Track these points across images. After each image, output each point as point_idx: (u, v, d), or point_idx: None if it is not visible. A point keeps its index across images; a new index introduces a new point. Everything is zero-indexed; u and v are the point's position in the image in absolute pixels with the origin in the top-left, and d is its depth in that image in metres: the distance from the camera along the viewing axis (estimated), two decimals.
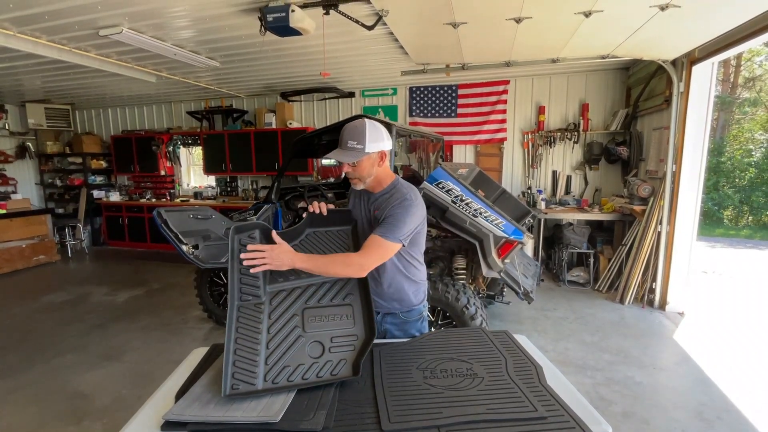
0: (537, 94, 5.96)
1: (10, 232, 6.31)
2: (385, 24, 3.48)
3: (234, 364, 1.25)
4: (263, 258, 1.36)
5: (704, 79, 3.96)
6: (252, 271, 1.39)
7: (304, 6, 3.14)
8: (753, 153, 11.66)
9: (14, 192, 7.35)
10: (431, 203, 3.00)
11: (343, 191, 4.85)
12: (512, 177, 6.21)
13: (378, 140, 1.56)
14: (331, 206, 1.69)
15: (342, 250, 1.63)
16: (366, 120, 1.59)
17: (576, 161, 5.92)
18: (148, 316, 4.36)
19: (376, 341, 1.43)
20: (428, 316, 2.22)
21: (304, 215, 1.68)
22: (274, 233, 1.47)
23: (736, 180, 11.20)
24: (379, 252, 1.52)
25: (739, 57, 11.95)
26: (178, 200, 7.57)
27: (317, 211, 1.65)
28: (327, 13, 3.19)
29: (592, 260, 5.11)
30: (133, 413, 1.20)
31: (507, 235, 3.00)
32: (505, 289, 3.96)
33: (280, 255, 1.38)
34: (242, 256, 1.38)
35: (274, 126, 6.73)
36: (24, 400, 2.89)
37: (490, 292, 3.76)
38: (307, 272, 1.47)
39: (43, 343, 3.78)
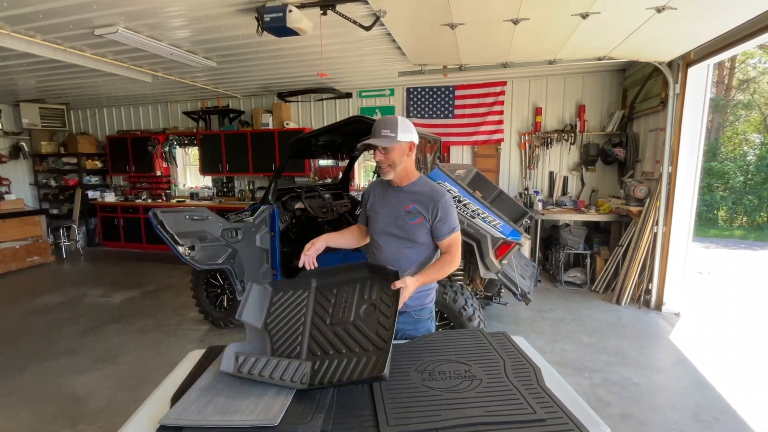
0: (534, 95, 5.97)
1: (4, 233, 6.25)
2: (382, 24, 3.48)
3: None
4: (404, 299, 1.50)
5: (700, 81, 3.98)
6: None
7: (301, 6, 3.14)
8: (747, 155, 11.74)
9: (8, 192, 7.30)
10: None
11: (340, 192, 4.84)
12: (509, 178, 6.22)
13: (408, 131, 1.71)
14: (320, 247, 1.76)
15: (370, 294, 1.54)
16: (397, 115, 1.79)
17: (573, 162, 5.94)
18: (143, 318, 4.33)
19: None
20: None
21: (302, 265, 1.69)
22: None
23: (730, 182, 11.27)
24: (459, 243, 1.76)
25: (733, 59, 12.04)
26: (174, 201, 7.53)
27: (308, 267, 1.71)
28: (324, 14, 3.18)
29: (588, 261, 5.12)
30: (128, 416, 1.18)
31: (504, 236, 3.00)
32: (503, 290, 3.96)
33: (408, 288, 1.51)
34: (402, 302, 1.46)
35: (271, 126, 6.71)
36: (17, 403, 2.85)
37: (487, 293, 3.76)
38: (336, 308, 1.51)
39: (37, 345, 3.74)
